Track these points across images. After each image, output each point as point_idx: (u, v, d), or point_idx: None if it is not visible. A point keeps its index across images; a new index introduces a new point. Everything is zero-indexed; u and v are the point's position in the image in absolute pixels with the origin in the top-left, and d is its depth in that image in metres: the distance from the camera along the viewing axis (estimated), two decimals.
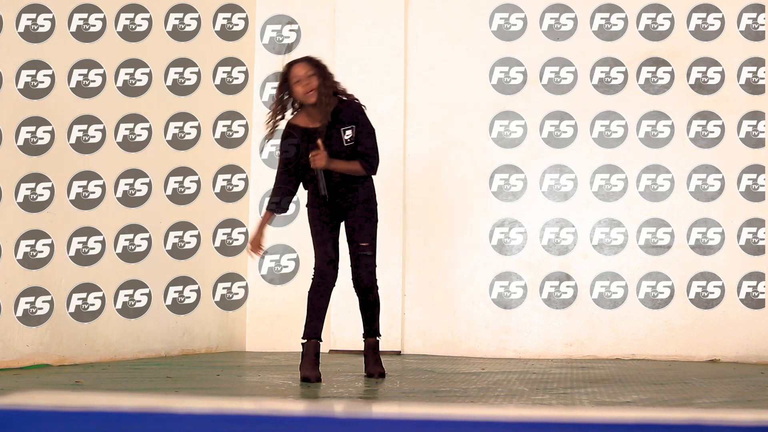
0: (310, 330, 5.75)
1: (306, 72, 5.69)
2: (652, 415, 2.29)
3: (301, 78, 5.68)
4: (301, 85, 5.68)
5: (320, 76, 5.70)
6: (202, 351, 7.63)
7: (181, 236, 7.46)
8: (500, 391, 5.35)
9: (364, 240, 5.80)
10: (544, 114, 7.89)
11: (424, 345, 7.87)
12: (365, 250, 5.79)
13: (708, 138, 7.79)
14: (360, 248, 5.79)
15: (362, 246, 5.79)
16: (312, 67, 5.72)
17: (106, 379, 5.85)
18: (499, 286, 7.85)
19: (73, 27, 6.85)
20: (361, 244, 5.79)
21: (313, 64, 5.75)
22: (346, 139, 5.73)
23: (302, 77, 5.68)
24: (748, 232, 7.71)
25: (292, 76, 5.70)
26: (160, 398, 2.32)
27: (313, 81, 5.68)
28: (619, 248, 7.80)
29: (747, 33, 7.78)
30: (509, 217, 7.89)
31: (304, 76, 5.68)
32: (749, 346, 7.62)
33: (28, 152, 6.55)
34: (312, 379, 5.65)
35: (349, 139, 5.74)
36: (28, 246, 6.54)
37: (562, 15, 7.92)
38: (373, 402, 4.91)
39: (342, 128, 5.74)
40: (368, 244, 5.79)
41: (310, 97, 5.67)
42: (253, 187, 7.97)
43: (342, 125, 5.75)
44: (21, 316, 6.45)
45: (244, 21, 7.88)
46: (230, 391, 5.29)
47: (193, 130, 7.55)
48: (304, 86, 5.67)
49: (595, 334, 7.77)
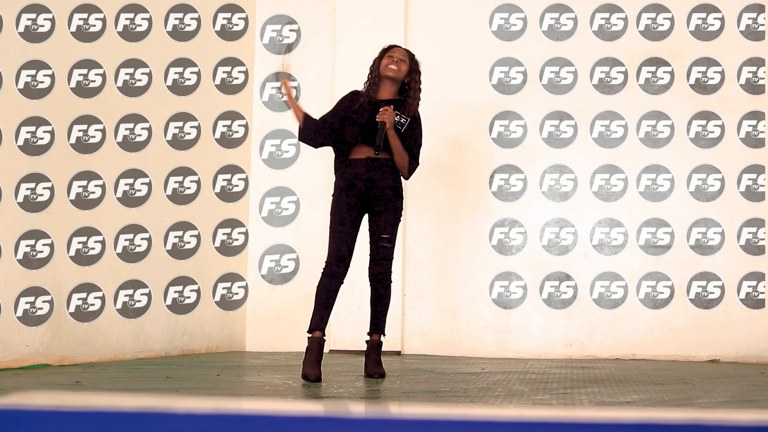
0: (314, 323, 5.77)
1: (402, 56, 5.96)
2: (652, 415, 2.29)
3: (394, 56, 5.94)
4: (390, 59, 5.92)
5: (411, 69, 5.96)
6: (202, 351, 7.63)
7: (181, 236, 7.46)
8: (500, 391, 5.35)
9: (388, 232, 5.86)
10: (544, 114, 7.89)
11: (424, 345, 7.87)
12: (385, 242, 5.85)
13: (708, 138, 7.79)
14: (383, 239, 5.85)
15: (384, 238, 5.85)
16: (409, 58, 5.99)
17: (106, 379, 5.85)
18: (499, 286, 7.85)
19: (73, 27, 6.85)
20: (383, 236, 5.85)
21: (411, 58, 6.01)
22: (398, 120, 5.84)
23: (396, 56, 5.94)
24: (748, 232, 7.71)
25: (390, 50, 5.97)
26: (160, 398, 2.32)
27: (402, 65, 5.93)
28: (619, 248, 7.80)
29: (747, 33, 7.78)
30: (509, 217, 7.89)
31: (398, 57, 5.94)
32: (749, 346, 7.62)
33: (28, 152, 6.55)
34: (311, 378, 5.65)
35: (399, 122, 5.84)
36: (28, 246, 6.54)
37: (562, 15, 7.92)
38: (373, 402, 4.90)
39: (397, 112, 5.88)
40: (389, 236, 5.86)
41: (389, 70, 5.90)
42: (253, 187, 7.97)
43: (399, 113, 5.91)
44: (21, 316, 6.45)
45: (244, 21, 7.88)
46: (230, 391, 5.29)
47: (193, 130, 7.55)
48: (391, 61, 5.91)
49: (595, 334, 7.77)
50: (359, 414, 2.21)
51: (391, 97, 5.97)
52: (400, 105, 5.94)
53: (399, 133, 5.88)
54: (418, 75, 5.97)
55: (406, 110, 5.92)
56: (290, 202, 8.03)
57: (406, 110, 5.92)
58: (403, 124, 5.89)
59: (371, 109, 5.90)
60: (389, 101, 5.94)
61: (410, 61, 5.97)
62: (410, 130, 5.93)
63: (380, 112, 5.80)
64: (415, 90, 5.95)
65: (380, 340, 5.99)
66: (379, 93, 5.97)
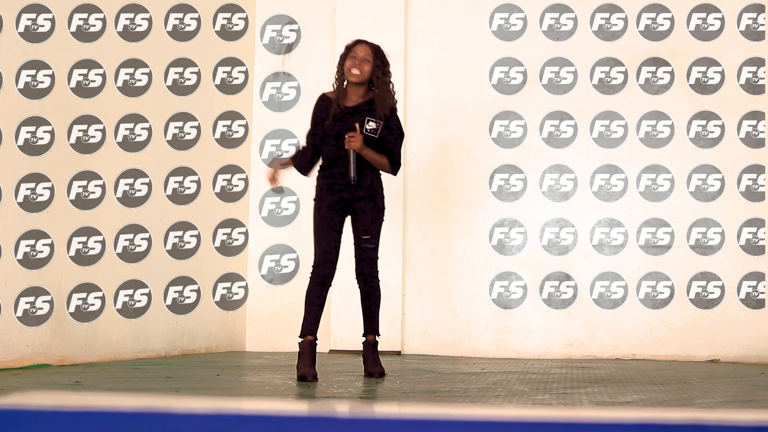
0: (306, 328, 5.77)
1: (365, 54, 5.76)
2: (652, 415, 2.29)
3: (357, 56, 5.75)
4: (353, 61, 5.73)
5: (376, 66, 5.75)
6: (202, 351, 7.63)
7: (181, 236, 7.46)
8: (500, 391, 5.35)
9: (371, 233, 5.82)
10: (544, 114, 7.89)
11: (424, 345, 7.87)
12: (369, 243, 5.81)
13: (708, 138, 7.79)
14: (365, 241, 5.81)
15: (365, 239, 5.82)
16: (373, 55, 5.77)
17: (106, 379, 5.85)
18: (499, 286, 7.85)
19: (73, 27, 6.85)
20: (364, 237, 5.81)
21: (376, 53, 5.79)
22: (367, 128, 5.73)
23: (359, 56, 5.75)
24: (748, 232, 7.71)
25: (353, 50, 5.78)
26: (160, 398, 2.32)
27: (365, 66, 5.73)
28: (619, 248, 7.80)
29: (747, 33, 7.78)
30: (509, 217, 7.89)
31: (361, 56, 5.75)
32: (749, 346, 7.62)
33: (28, 152, 6.55)
34: (308, 378, 5.65)
35: (369, 130, 5.74)
36: (28, 246, 6.54)
37: (562, 15, 7.92)
38: (373, 402, 4.90)
39: (368, 118, 5.75)
40: (372, 236, 5.83)
41: (352, 76, 5.72)
42: (253, 187, 7.97)
43: (369, 116, 5.76)
44: (21, 316, 6.45)
45: (244, 21, 7.88)
46: (230, 391, 5.29)
47: (193, 130, 7.55)
48: (353, 63, 5.73)
49: (595, 334, 7.77)
50: (359, 414, 2.21)
51: (360, 99, 5.81)
52: (369, 108, 5.79)
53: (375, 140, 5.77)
54: (385, 69, 5.77)
55: (377, 113, 5.76)
56: (290, 202, 8.03)
57: (377, 113, 5.76)
58: (376, 130, 5.76)
59: (342, 118, 5.76)
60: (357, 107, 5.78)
61: (374, 58, 5.76)
62: (386, 131, 5.79)
63: (346, 140, 5.68)
64: (382, 88, 5.76)
65: (375, 340, 5.98)
66: (347, 98, 5.82)
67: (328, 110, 5.81)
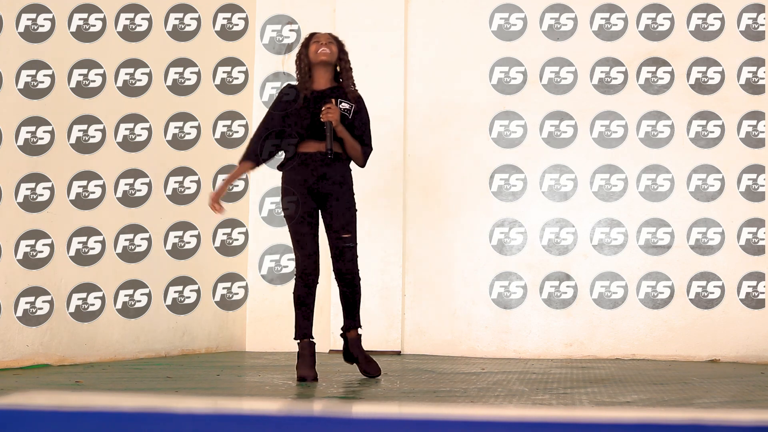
0: (301, 330, 5.73)
1: (328, 39, 5.79)
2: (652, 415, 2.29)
3: (321, 40, 5.76)
4: (318, 44, 5.74)
5: (341, 52, 5.79)
6: (202, 351, 7.63)
7: (181, 236, 7.46)
8: (500, 391, 5.35)
9: (348, 231, 5.74)
10: (544, 114, 7.89)
11: (424, 345, 7.87)
12: (348, 242, 5.73)
13: (708, 138, 7.79)
14: (343, 240, 5.73)
15: (345, 237, 5.73)
16: (334, 40, 5.82)
17: (106, 379, 5.85)
18: (499, 286, 7.85)
19: (73, 27, 6.85)
20: (344, 236, 5.73)
21: (337, 40, 5.84)
22: (341, 107, 5.71)
23: (323, 40, 5.76)
24: (748, 232, 7.71)
25: (313, 37, 5.79)
26: (160, 398, 2.32)
27: (332, 47, 5.76)
28: (619, 248, 7.80)
29: (747, 33, 7.78)
30: (509, 217, 7.89)
31: (325, 40, 5.77)
32: (749, 346, 7.62)
33: (28, 152, 6.55)
34: (309, 379, 5.64)
35: (344, 109, 5.72)
36: (28, 246, 6.54)
37: (562, 15, 7.92)
38: (373, 402, 4.90)
39: (340, 99, 5.73)
40: (351, 235, 5.74)
41: (322, 55, 5.72)
42: (252, 187, 7.97)
43: (342, 99, 5.74)
44: (21, 316, 6.45)
45: (244, 21, 7.88)
46: (230, 391, 5.29)
47: (193, 130, 7.55)
48: (319, 46, 5.73)
49: (595, 334, 7.77)
50: (359, 414, 2.21)
51: (329, 84, 5.78)
52: (339, 92, 5.78)
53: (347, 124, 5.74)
54: (347, 56, 5.80)
55: (349, 96, 5.75)
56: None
57: (349, 96, 5.75)
58: (349, 110, 5.73)
59: (313, 100, 5.72)
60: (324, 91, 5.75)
61: (337, 43, 5.79)
62: (357, 115, 5.76)
63: (323, 111, 5.62)
64: (347, 72, 5.77)
65: (359, 335, 5.91)
66: (314, 83, 5.78)
67: (297, 95, 5.77)
